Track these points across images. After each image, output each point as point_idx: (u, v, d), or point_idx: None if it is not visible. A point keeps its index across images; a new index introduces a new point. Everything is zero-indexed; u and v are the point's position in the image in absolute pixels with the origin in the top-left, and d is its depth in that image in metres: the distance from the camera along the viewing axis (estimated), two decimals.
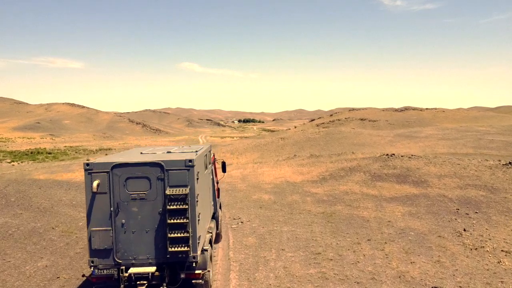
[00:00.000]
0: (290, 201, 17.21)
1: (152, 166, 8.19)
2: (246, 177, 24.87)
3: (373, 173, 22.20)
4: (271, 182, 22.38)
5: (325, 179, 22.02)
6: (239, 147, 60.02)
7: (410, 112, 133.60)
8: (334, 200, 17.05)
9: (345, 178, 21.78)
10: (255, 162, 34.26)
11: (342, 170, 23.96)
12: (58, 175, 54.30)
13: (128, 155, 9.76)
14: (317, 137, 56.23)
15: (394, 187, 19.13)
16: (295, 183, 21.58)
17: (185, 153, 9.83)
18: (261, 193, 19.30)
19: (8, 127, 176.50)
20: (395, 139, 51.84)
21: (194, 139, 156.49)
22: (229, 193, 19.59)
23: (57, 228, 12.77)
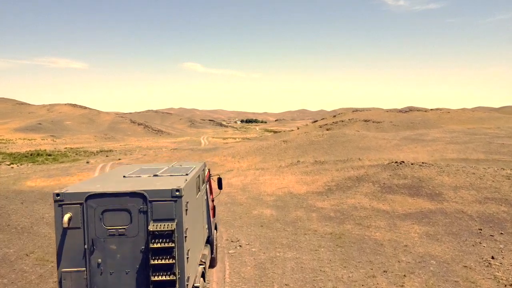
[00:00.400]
0: (294, 217, 15.74)
1: (133, 197, 6.89)
2: (246, 187, 23.42)
3: (382, 184, 20.71)
4: (273, 193, 20.91)
5: (331, 190, 20.52)
6: (240, 150, 58.59)
7: (415, 113, 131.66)
8: (342, 217, 15.56)
9: (352, 189, 20.29)
10: (256, 168, 32.80)
11: (349, 179, 22.47)
12: (55, 179, 53.11)
13: (107, 180, 8.38)
14: (320, 140, 54.69)
15: (407, 201, 17.62)
16: (299, 195, 20.09)
17: (175, 176, 8.53)
18: (262, 207, 17.83)
19: (10, 128, 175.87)
20: (401, 143, 50.23)
21: (196, 140, 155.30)
22: (228, 207, 18.14)
23: (32, 255, 11.35)
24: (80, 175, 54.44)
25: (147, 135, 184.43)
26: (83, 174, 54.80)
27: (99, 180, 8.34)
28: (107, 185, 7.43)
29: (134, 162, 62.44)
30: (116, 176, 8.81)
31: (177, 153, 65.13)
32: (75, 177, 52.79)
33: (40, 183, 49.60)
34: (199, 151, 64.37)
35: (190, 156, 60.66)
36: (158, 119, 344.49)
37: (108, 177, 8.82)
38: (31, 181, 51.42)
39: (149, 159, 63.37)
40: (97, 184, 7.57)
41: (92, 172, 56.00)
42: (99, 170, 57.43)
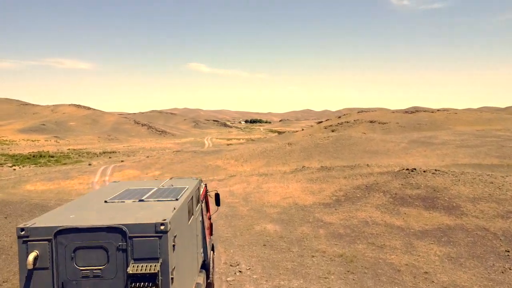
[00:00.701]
0: (300, 235, 14.40)
1: (110, 232, 5.79)
2: (249, 196, 22.11)
3: (394, 194, 19.32)
4: (277, 204, 19.58)
5: (339, 201, 19.16)
6: (244, 153, 57.31)
7: (421, 114, 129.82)
8: (353, 235, 14.20)
9: (362, 200, 18.91)
10: (260, 174, 31.47)
11: (358, 188, 21.10)
12: (55, 183, 52.06)
13: (85, 207, 7.16)
14: (326, 143, 53.27)
15: (422, 215, 16.23)
16: (304, 206, 18.75)
17: (163, 202, 7.32)
18: (265, 221, 16.51)
19: (14, 129, 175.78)
20: (409, 146, 48.71)
21: (200, 142, 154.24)
22: (228, 220, 16.83)
23: (5, 284, 10.11)
24: (80, 178, 53.46)
25: (151, 136, 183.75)
26: (83, 177, 53.81)
27: (75, 207, 7.16)
28: (82, 215, 6.35)
29: (135, 165, 61.39)
30: (97, 201, 7.64)
31: (180, 156, 63.98)
32: (75, 181, 51.80)
33: (40, 187, 48.66)
34: (201, 154, 63.15)
35: (192, 159, 59.48)
36: (162, 119, 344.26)
37: (87, 202, 7.62)
38: (30, 185, 50.48)
39: (151, 161, 62.26)
40: (71, 214, 6.45)
41: (93, 175, 55.00)
42: (100, 173, 56.42)
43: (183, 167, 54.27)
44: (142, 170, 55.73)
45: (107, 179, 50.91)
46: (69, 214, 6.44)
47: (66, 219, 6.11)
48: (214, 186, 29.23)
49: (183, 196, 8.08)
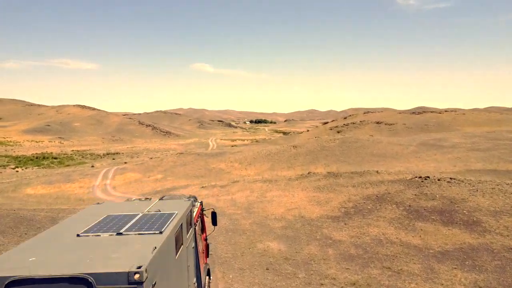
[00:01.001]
0: (307, 256, 13.05)
1: (73, 283, 4.62)
2: (252, 206, 20.78)
3: (407, 206, 17.91)
4: (282, 216, 18.24)
5: (348, 214, 17.78)
6: (248, 156, 56.02)
7: (428, 114, 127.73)
8: (365, 256, 12.82)
9: (374, 213, 17.52)
10: (264, 181, 30.13)
11: (368, 199, 19.70)
12: (55, 186, 51.04)
13: (51, 245, 5.98)
14: (332, 146, 51.81)
15: (441, 232, 14.81)
16: (311, 220, 17.38)
17: (144, 237, 6.17)
18: (269, 237, 15.18)
19: (18, 129, 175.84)
20: (419, 149, 47.12)
21: (204, 142, 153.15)
22: (228, 236, 15.52)
23: None
24: (81, 181, 52.46)
25: (155, 137, 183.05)
26: (84, 180, 52.80)
27: (42, 243, 6.00)
28: (45, 257, 5.25)
29: (137, 167, 60.30)
30: (68, 234, 6.44)
31: (183, 158, 62.82)
32: (76, 184, 50.82)
33: (40, 190, 47.72)
34: (205, 156, 61.93)
35: (195, 161, 58.29)
36: (167, 120, 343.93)
37: (57, 235, 6.42)
38: (31, 188, 49.57)
39: (154, 164, 61.15)
40: (33, 254, 5.30)
41: (94, 178, 53.98)
42: (101, 176, 55.40)
43: (186, 170, 53.09)
44: (144, 173, 54.60)
45: (109, 183, 49.84)
46: (30, 255, 5.30)
47: (23, 264, 4.93)
48: (215, 193, 27.97)
49: (169, 226, 6.86)
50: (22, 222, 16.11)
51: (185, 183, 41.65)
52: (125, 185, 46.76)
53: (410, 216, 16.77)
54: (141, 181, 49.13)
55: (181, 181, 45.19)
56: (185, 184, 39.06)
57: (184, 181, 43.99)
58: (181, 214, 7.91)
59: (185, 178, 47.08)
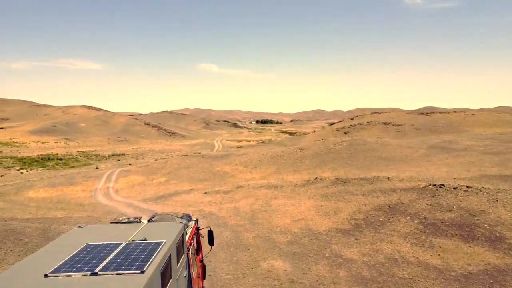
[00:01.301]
0: (315, 278, 11.87)
1: None
2: (256, 216, 19.64)
3: (423, 218, 16.66)
4: (287, 229, 17.07)
5: (359, 227, 16.56)
6: (253, 158, 54.86)
7: (437, 115, 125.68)
8: (380, 280, 11.61)
9: (386, 226, 16.30)
10: (269, 187, 28.96)
11: (380, 210, 18.46)
12: (58, 189, 50.23)
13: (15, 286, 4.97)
14: (339, 149, 50.47)
15: (462, 249, 13.56)
16: (319, 233, 16.20)
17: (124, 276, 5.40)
18: (273, 254, 14.03)
19: (25, 130, 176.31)
20: (429, 153, 45.62)
21: (210, 143, 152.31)
22: (230, 252, 14.39)
23: None
24: (84, 184, 51.66)
25: (161, 138, 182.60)
26: (87, 183, 52.01)
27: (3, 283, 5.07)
28: None
29: (141, 170, 59.42)
30: (34, 275, 5.44)
31: (187, 160, 61.84)
32: (79, 187, 50.03)
33: (42, 194, 46.96)
34: (209, 158, 60.89)
35: (200, 164, 57.28)
36: (173, 120, 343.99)
37: (19, 278, 5.38)
38: (33, 191, 48.85)
39: (158, 166, 60.26)
40: None
41: (97, 181, 53.18)
42: (105, 179, 54.61)
43: (190, 173, 52.09)
44: (147, 176, 53.71)
45: (111, 186, 48.99)
46: None
47: None
48: (219, 200, 26.88)
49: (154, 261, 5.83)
50: (10, 236, 15.11)
51: (188, 187, 40.61)
52: (127, 189, 45.87)
53: (427, 230, 15.53)
54: (144, 184, 48.21)
55: (184, 184, 44.16)
56: (188, 189, 38.02)
57: (188, 185, 42.95)
58: (170, 242, 6.84)
59: (189, 182, 46.04)
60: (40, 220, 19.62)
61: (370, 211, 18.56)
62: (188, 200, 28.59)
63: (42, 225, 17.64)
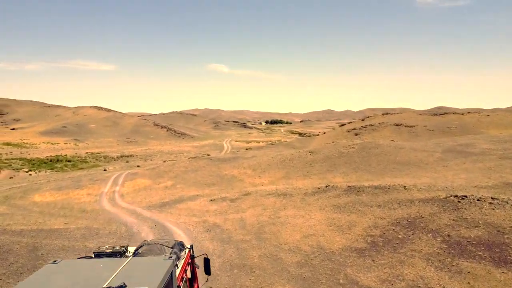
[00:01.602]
0: None
1: None
2: (263, 230, 18.27)
3: (446, 236, 15.11)
4: (297, 246, 15.67)
5: (376, 246, 15.08)
6: (262, 162, 53.49)
7: (450, 116, 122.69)
8: None
9: (406, 245, 14.79)
10: (278, 195, 27.56)
11: (398, 225, 16.95)
12: (64, 193, 49.39)
13: None
14: (351, 152, 48.82)
15: (493, 276, 12.02)
16: (332, 252, 14.76)
17: None
18: (281, 279, 12.64)
19: (36, 131, 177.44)
20: (445, 157, 43.74)
21: (219, 144, 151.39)
22: (234, 275, 13.03)
23: None
24: (90, 188, 50.82)
25: (170, 138, 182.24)
26: (94, 187, 51.15)
27: None
28: None
29: (148, 173, 58.45)
30: None
31: (195, 163, 60.72)
32: (85, 191, 49.18)
33: (48, 197, 46.21)
34: (217, 161, 59.68)
35: (207, 167, 56.09)
36: (183, 120, 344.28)
37: None
38: (39, 195, 48.15)
39: (165, 169, 59.22)
40: None
41: (103, 184, 52.32)
42: (111, 182, 53.75)
43: (197, 176, 50.92)
44: (154, 179, 52.68)
45: (117, 189, 48.05)
46: None
47: None
48: (224, 209, 25.57)
49: None
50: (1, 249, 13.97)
51: (194, 192, 39.40)
52: (133, 193, 44.86)
53: (452, 251, 13.99)
54: (150, 188, 47.16)
55: (191, 189, 42.99)
56: (194, 194, 36.79)
57: (194, 190, 41.76)
58: (159, 280, 5.61)
59: (195, 186, 44.85)
60: (34, 233, 18.50)
61: (387, 226, 17.05)
62: (193, 208, 27.33)
63: (34, 240, 16.50)
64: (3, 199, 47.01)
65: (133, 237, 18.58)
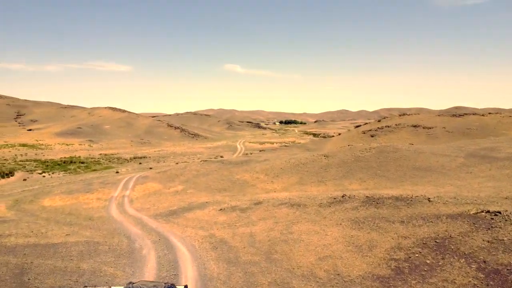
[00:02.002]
0: None
1: None
2: (274, 249, 16.66)
3: (482, 262, 13.26)
4: (311, 271, 14.01)
5: (401, 273, 13.32)
6: (275, 165, 51.81)
7: (470, 117, 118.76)
8: None
9: (436, 273, 12.98)
10: (291, 205, 25.89)
11: (425, 246, 15.13)
12: (74, 197, 48.53)
13: None
14: (367, 156, 46.73)
15: None
16: (351, 281, 13.06)
17: None
18: None
19: (52, 132, 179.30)
20: (468, 162, 41.34)
21: (232, 146, 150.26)
22: None
23: None
24: (100, 192, 49.95)
25: (183, 139, 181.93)
26: (104, 191, 50.27)
27: None
28: None
29: (159, 176, 57.38)
30: None
31: (206, 167, 59.44)
32: (95, 195, 48.31)
33: (57, 202, 45.48)
34: (229, 165, 58.25)
35: (219, 170, 54.72)
36: (197, 121, 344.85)
37: None
38: (49, 199, 47.48)
39: (176, 173, 58.06)
40: None
41: (114, 188, 51.41)
42: (122, 186, 52.80)
43: (208, 181, 49.57)
44: (165, 183, 51.53)
45: (127, 194, 47.03)
46: None
47: None
48: (234, 220, 24.03)
49: None
50: None
51: (205, 198, 38.00)
52: (143, 198, 43.74)
53: (490, 282, 12.14)
54: (160, 193, 45.98)
55: (201, 195, 41.64)
56: (204, 201, 35.36)
57: (205, 196, 40.39)
58: None
59: (206, 192, 43.48)
60: (29, 249, 17.24)
61: (412, 247, 15.25)
62: (201, 219, 25.86)
63: (25, 259, 15.23)
64: (13, 203, 46.50)
65: (133, 255, 17.18)
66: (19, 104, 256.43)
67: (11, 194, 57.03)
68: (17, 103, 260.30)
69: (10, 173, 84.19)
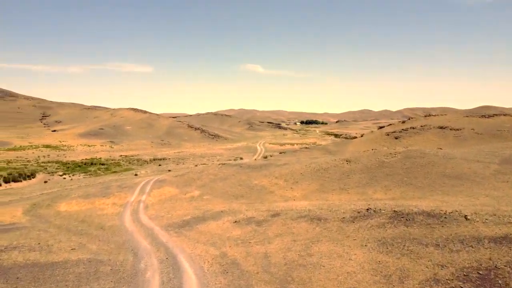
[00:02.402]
0: None
1: None
2: (290, 276, 14.81)
3: None
4: None
5: None
6: (295, 170, 49.83)
7: (501, 118, 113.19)
8: None
9: None
10: (311, 219, 23.93)
11: (467, 279, 12.97)
12: (90, 201, 47.86)
13: None
14: (393, 162, 44.14)
15: None
16: None
17: None
18: None
19: (75, 133, 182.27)
20: (504, 169, 38.25)
21: (252, 147, 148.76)
22: None
23: None
24: (117, 196, 49.23)
25: (203, 140, 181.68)
26: (120, 195, 49.53)
27: None
28: None
29: (176, 180, 56.26)
30: None
31: (224, 170, 58.00)
32: (111, 199, 47.57)
33: (74, 206, 44.93)
34: (247, 169, 56.64)
35: (237, 175, 53.19)
36: (217, 121, 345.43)
37: None
38: (66, 203, 47.01)
39: (193, 176, 56.88)
40: None
41: (131, 192, 50.62)
42: (139, 189, 51.98)
43: (225, 186, 48.06)
44: (181, 188, 50.35)
45: (143, 199, 46.06)
46: None
47: None
48: (248, 236, 22.27)
49: None
50: None
51: (221, 206, 36.46)
52: (158, 204, 42.60)
53: None
54: (176, 199, 44.75)
55: (217, 202, 40.13)
56: (219, 210, 33.78)
57: (221, 203, 38.86)
58: None
59: (222, 198, 41.95)
60: (25, 270, 15.92)
61: (451, 280, 13.11)
62: (213, 233, 24.22)
63: (15, 286, 13.85)
64: (30, 208, 46.22)
65: (135, 279, 15.65)
66: (44, 105, 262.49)
67: (30, 197, 57.11)
68: (43, 104, 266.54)
69: (32, 175, 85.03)
